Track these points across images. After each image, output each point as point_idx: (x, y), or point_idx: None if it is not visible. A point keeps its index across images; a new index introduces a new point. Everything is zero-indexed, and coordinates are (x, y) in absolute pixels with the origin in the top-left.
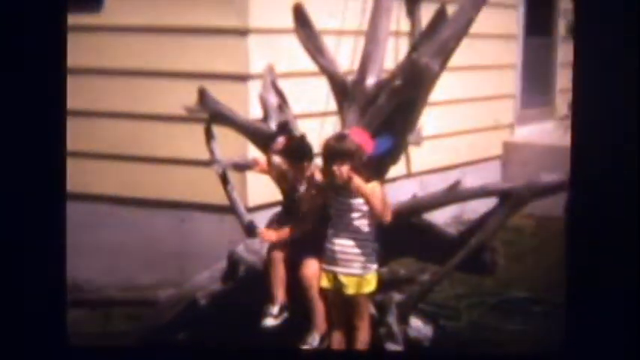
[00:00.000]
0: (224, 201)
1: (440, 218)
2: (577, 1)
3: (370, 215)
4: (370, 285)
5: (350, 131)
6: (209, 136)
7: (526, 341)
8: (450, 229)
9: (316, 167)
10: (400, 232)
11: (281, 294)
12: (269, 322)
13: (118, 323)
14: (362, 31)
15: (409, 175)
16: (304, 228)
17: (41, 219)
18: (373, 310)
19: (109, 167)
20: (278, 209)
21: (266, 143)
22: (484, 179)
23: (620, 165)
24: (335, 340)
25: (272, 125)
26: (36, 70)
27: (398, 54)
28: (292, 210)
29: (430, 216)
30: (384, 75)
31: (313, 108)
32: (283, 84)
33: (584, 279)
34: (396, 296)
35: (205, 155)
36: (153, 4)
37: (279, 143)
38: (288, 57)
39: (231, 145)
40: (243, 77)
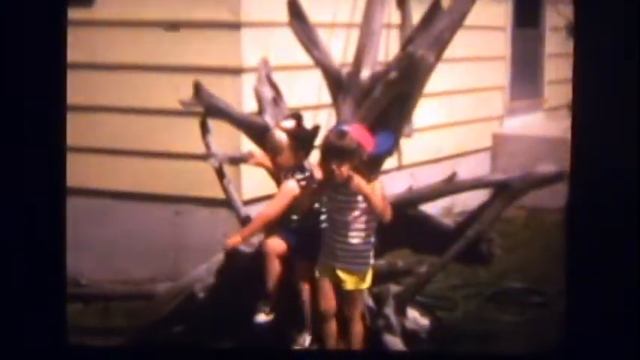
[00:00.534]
0: (219, 194)
1: (431, 210)
2: (577, 1)
3: (369, 212)
4: (367, 281)
5: (350, 128)
6: (204, 130)
7: (522, 332)
8: (446, 221)
9: (315, 164)
10: (397, 224)
11: (275, 291)
12: (261, 319)
13: (115, 317)
14: (354, 24)
15: (400, 167)
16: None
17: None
18: (370, 302)
19: (104, 162)
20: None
21: (260, 136)
22: (474, 171)
23: (619, 162)
24: (324, 330)
25: (267, 118)
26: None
27: (388, 46)
28: None
29: (422, 208)
30: (379, 67)
31: (307, 101)
32: (277, 77)
33: (583, 275)
34: (394, 288)
35: (200, 149)
36: None
37: (291, 123)
38: (281, 50)
39: (226, 139)
40: (236, 71)
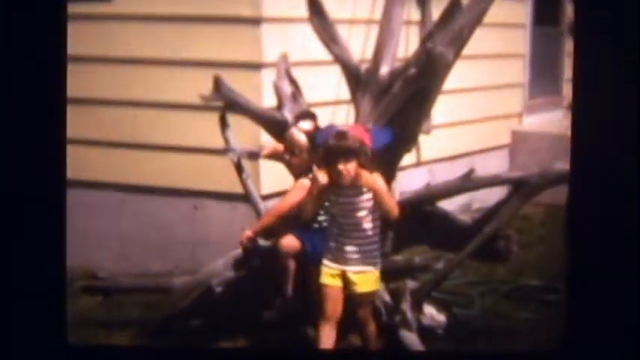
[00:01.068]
0: (237, 189)
1: (449, 207)
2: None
3: (375, 210)
4: (378, 281)
5: (347, 127)
6: (224, 125)
7: (538, 329)
8: (464, 217)
9: (317, 170)
10: (415, 220)
11: (288, 287)
12: (272, 315)
13: (132, 311)
14: (374, 20)
15: (418, 164)
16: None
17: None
18: (387, 298)
19: (123, 155)
20: None
21: (280, 131)
22: (492, 168)
23: (620, 160)
24: (324, 334)
25: (286, 113)
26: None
27: (408, 43)
28: None
29: (440, 204)
30: (398, 64)
31: (326, 97)
32: (296, 72)
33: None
34: (411, 284)
35: (219, 143)
36: None
37: (308, 124)
38: (301, 46)
39: (245, 134)
40: (256, 66)
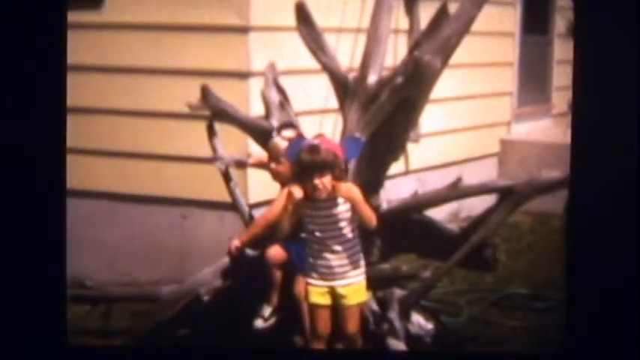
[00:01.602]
0: (225, 198)
1: (437, 215)
2: (577, 1)
3: (353, 220)
4: (365, 292)
5: (318, 140)
6: (211, 133)
7: (527, 337)
8: (451, 226)
9: (291, 187)
10: (402, 229)
11: (275, 298)
12: (260, 324)
13: (120, 320)
14: (362, 29)
15: (407, 173)
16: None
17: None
18: (375, 306)
19: (111, 164)
20: None
21: (267, 140)
22: (481, 176)
23: (619, 163)
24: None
25: (273, 122)
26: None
27: (396, 52)
28: None
29: (428, 212)
30: (386, 72)
31: (314, 105)
32: (284, 81)
33: (584, 278)
34: (398, 292)
35: (207, 152)
36: (153, 2)
37: (290, 132)
38: (289, 54)
39: (233, 142)
40: (244, 75)
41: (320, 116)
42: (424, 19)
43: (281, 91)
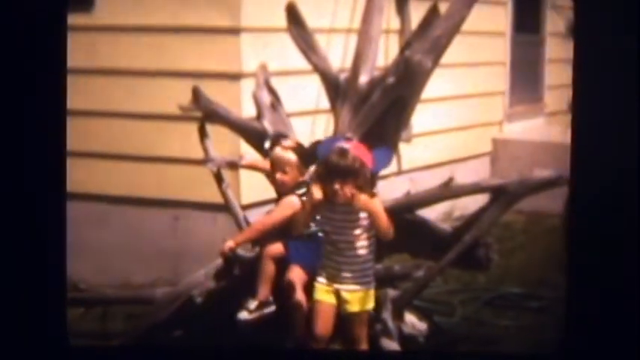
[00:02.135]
0: (218, 199)
1: (430, 214)
2: (577, 1)
3: (370, 228)
4: (372, 300)
5: (350, 145)
6: (203, 135)
7: (520, 337)
8: (444, 226)
9: (312, 185)
10: (395, 229)
11: (263, 291)
12: (244, 316)
13: (115, 322)
14: (353, 30)
15: (399, 172)
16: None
17: (42, 219)
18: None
19: (103, 166)
20: (272, 207)
21: (259, 141)
22: (473, 176)
23: (619, 163)
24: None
25: (265, 124)
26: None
27: (388, 52)
28: None
29: (421, 212)
30: (377, 73)
31: (305, 106)
32: (275, 82)
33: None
34: (391, 292)
35: (199, 154)
36: (144, 4)
37: (289, 142)
38: (280, 55)
39: (225, 143)
40: (235, 76)
41: (312, 117)
42: (415, 19)
43: (272, 92)
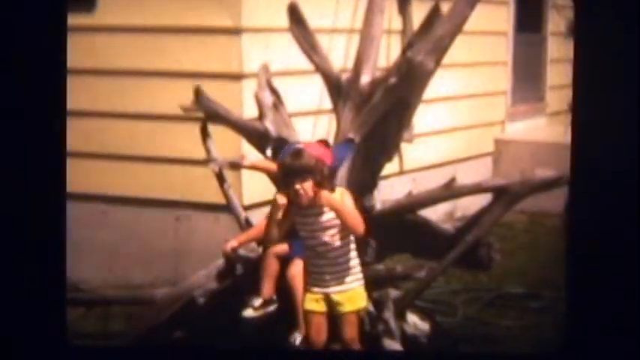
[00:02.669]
0: (219, 199)
1: (432, 215)
2: (577, 1)
3: (343, 228)
4: (363, 298)
5: (305, 145)
6: (205, 135)
7: (522, 337)
8: (446, 226)
9: (277, 193)
10: (397, 229)
11: (267, 289)
12: (248, 314)
13: (115, 322)
14: (355, 30)
15: (402, 173)
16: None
17: (42, 219)
18: (370, 307)
19: (104, 167)
20: None
21: (260, 141)
22: (476, 176)
23: (619, 163)
24: None
25: (267, 124)
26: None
27: (389, 52)
28: None
29: (423, 212)
30: (379, 73)
31: (307, 107)
32: (277, 83)
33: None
34: (393, 292)
35: (201, 154)
36: (146, 4)
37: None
38: (281, 56)
39: (227, 144)
40: (237, 76)
41: (314, 117)
42: (417, 20)
43: (274, 93)
